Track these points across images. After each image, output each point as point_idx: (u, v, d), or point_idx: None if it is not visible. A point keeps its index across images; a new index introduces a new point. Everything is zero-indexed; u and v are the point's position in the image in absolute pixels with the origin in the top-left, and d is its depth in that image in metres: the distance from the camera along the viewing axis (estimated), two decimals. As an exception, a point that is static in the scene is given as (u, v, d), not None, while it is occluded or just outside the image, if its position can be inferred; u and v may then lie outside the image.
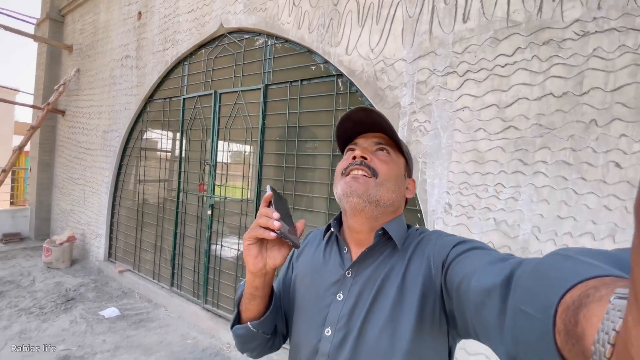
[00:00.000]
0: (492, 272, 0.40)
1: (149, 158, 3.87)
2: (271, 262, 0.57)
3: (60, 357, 2.40)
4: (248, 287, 0.61)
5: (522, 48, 1.59)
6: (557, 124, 1.50)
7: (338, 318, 0.60)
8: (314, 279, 0.67)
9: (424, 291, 0.56)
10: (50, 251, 4.15)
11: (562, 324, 0.26)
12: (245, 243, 0.56)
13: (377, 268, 0.61)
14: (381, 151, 0.64)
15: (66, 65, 5.33)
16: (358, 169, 0.60)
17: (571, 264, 0.30)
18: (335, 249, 0.69)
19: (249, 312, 0.63)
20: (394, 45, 1.96)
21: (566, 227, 1.47)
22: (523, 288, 0.32)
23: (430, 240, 0.61)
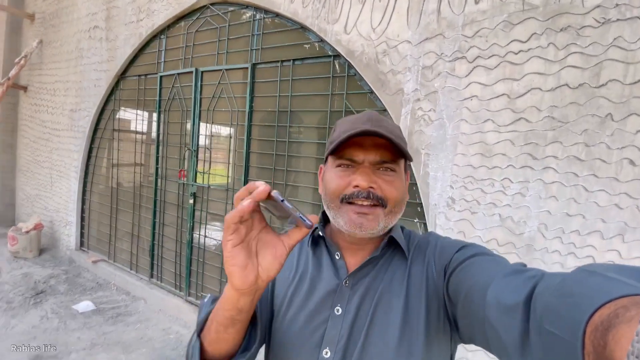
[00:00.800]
0: (511, 286, 0.38)
1: (122, 140, 3.58)
2: (264, 273, 0.41)
3: (32, 357, 2.21)
4: (228, 309, 0.44)
5: (538, 34, 1.48)
6: (571, 117, 1.42)
7: (338, 337, 0.53)
8: (300, 291, 0.58)
9: (429, 300, 0.53)
10: (17, 240, 3.83)
11: (591, 345, 0.25)
12: (227, 246, 0.39)
13: (376, 275, 0.56)
14: (386, 170, 0.54)
15: (27, 36, 4.80)
16: (364, 201, 0.52)
17: (598, 280, 0.29)
18: (324, 253, 0.61)
19: (222, 344, 0.47)
20: (398, 25, 1.81)
21: (574, 225, 1.42)
22: (547, 306, 0.31)
23: (429, 244, 0.58)
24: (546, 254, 1.47)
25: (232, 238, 0.39)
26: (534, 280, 0.36)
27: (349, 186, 0.53)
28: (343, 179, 0.54)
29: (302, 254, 0.62)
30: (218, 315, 0.47)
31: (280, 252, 0.42)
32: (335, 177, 0.55)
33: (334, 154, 0.56)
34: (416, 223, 1.85)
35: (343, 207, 0.54)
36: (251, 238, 0.42)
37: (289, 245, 0.43)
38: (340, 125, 0.58)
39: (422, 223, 1.82)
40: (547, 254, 1.46)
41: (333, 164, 0.57)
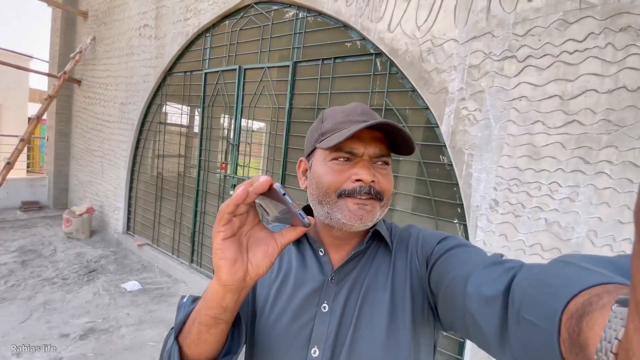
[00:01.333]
0: (490, 278, 0.38)
1: (168, 133, 3.80)
2: (254, 270, 0.40)
3: (85, 330, 2.44)
4: (211, 307, 0.42)
5: (596, 34, 1.42)
6: (628, 121, 1.36)
7: (326, 334, 0.52)
8: (284, 290, 0.56)
9: (413, 292, 0.53)
10: (70, 222, 4.19)
11: (566, 332, 0.26)
12: (217, 238, 0.38)
13: (361, 270, 0.55)
14: (382, 164, 0.54)
15: (81, 32, 5.17)
16: (364, 195, 0.51)
17: (573, 271, 0.30)
18: (308, 251, 0.59)
19: (204, 346, 0.45)
20: (445, 23, 1.80)
21: (626, 233, 1.37)
22: (525, 296, 0.32)
23: (411, 236, 0.58)
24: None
25: (223, 230, 0.38)
26: (513, 272, 0.37)
27: (348, 180, 0.51)
28: (342, 173, 0.52)
29: (284, 252, 0.60)
30: (201, 314, 0.44)
31: (272, 249, 0.41)
32: (330, 171, 0.52)
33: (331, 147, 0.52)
34: (456, 224, 1.85)
35: (340, 201, 0.52)
36: (243, 233, 0.41)
37: (281, 243, 0.42)
38: (332, 117, 0.55)
39: (462, 224, 1.81)
40: (596, 261, 1.42)
41: (326, 157, 0.53)
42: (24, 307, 2.65)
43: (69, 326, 2.46)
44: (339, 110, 0.56)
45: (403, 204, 2.14)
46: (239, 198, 0.37)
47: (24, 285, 2.99)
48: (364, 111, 0.55)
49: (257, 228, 0.42)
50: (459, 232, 1.83)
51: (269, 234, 0.43)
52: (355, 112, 0.54)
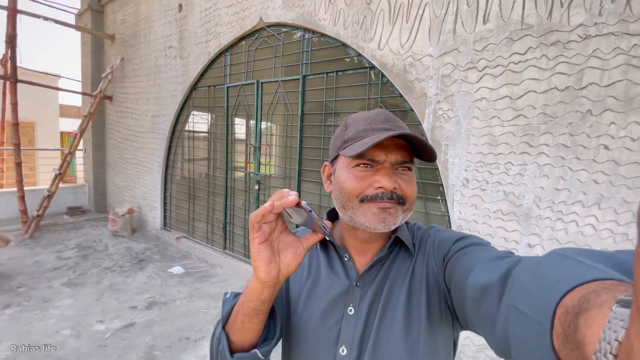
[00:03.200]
0: (489, 269, 0.40)
1: (196, 139, 4.36)
2: (285, 269, 0.49)
3: (148, 303, 3.03)
4: (252, 300, 0.50)
5: (533, 48, 1.88)
6: (559, 113, 1.82)
7: (353, 335, 0.56)
8: (315, 292, 0.61)
9: (430, 289, 0.56)
10: (116, 221, 4.82)
11: (560, 327, 0.25)
12: (254, 243, 0.46)
13: (385, 273, 0.59)
14: (404, 170, 0.56)
15: (109, 53, 5.78)
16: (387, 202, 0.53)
17: (570, 264, 0.30)
18: (333, 256, 0.63)
19: (246, 333, 0.53)
20: (422, 42, 2.27)
21: (562, 197, 1.83)
22: (520, 286, 0.32)
23: (429, 237, 0.60)
24: (540, 220, 1.90)
25: (257, 236, 0.45)
26: (509, 264, 0.38)
27: (370, 187, 0.54)
28: (364, 180, 0.54)
29: (312, 257, 0.65)
30: (243, 307, 0.51)
31: (299, 251, 0.49)
32: (353, 177, 0.55)
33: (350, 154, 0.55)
34: (439, 200, 2.34)
35: (364, 206, 0.54)
36: (274, 238, 0.48)
37: (306, 246, 0.50)
38: (355, 125, 0.58)
39: (443, 200, 2.30)
40: (541, 220, 1.90)
41: (349, 164, 0.56)
42: (95, 289, 3.25)
43: (135, 301, 3.05)
44: (361, 118, 0.58)
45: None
46: (266, 210, 0.43)
47: (90, 273, 3.61)
48: (387, 118, 0.57)
49: (285, 233, 0.50)
50: (440, 205, 2.32)
51: (296, 239, 0.50)
52: (377, 120, 0.56)
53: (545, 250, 1.89)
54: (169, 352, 2.35)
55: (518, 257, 0.40)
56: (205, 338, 2.53)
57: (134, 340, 2.47)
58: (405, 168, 0.56)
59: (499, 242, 2.03)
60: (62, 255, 4.05)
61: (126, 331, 2.58)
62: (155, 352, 2.35)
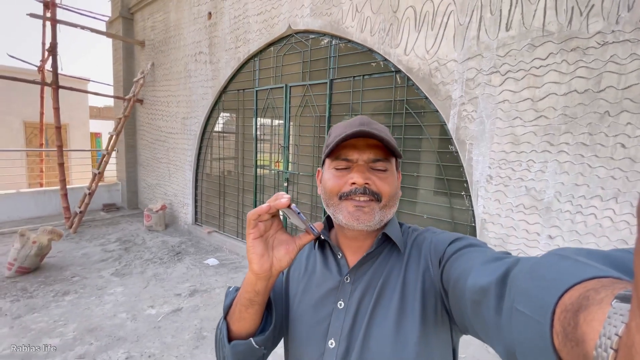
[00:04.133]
0: (487, 270, 0.40)
1: (226, 139, 4.63)
2: (277, 263, 0.52)
3: (191, 291, 3.31)
4: (248, 291, 0.55)
5: (554, 53, 2.02)
6: (579, 114, 1.97)
7: (341, 328, 0.59)
8: (309, 287, 0.65)
9: (425, 291, 0.56)
10: (151, 217, 5.16)
11: (560, 326, 0.26)
12: (249, 238, 0.51)
13: (375, 271, 0.60)
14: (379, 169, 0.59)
15: (140, 59, 6.10)
16: (361, 197, 0.57)
17: (568, 264, 0.30)
18: (329, 254, 0.67)
19: (243, 322, 0.57)
20: (447, 48, 2.43)
21: (581, 192, 1.98)
22: (519, 287, 0.32)
23: (425, 239, 0.61)
24: (560, 213, 2.05)
25: (252, 232, 0.50)
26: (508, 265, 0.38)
27: (346, 184, 0.58)
28: (340, 178, 0.59)
29: (310, 255, 0.70)
30: (240, 298, 0.57)
31: (291, 248, 0.53)
32: (332, 177, 0.60)
33: (330, 156, 0.61)
34: (463, 195, 2.51)
35: (342, 203, 0.58)
36: (269, 235, 0.53)
37: (299, 245, 0.53)
38: (335, 130, 0.62)
39: (468, 195, 2.47)
40: (561, 214, 2.05)
41: (330, 166, 0.61)
42: (141, 278, 3.56)
43: (178, 289, 3.34)
44: (341, 125, 0.63)
45: (425, 184, 2.81)
46: (262, 210, 0.48)
47: (134, 264, 3.93)
48: (362, 122, 0.59)
49: (281, 232, 0.54)
50: (465, 200, 2.49)
51: (290, 237, 0.54)
52: (353, 124, 0.59)
53: (566, 242, 2.04)
54: (216, 334, 2.61)
55: (516, 258, 0.40)
56: (246, 322, 2.79)
57: (184, 323, 2.74)
58: (381, 166, 0.59)
59: (521, 234, 2.19)
60: (107, 248, 4.40)
61: (175, 315, 2.86)
62: (204, 333, 2.61)
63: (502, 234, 2.26)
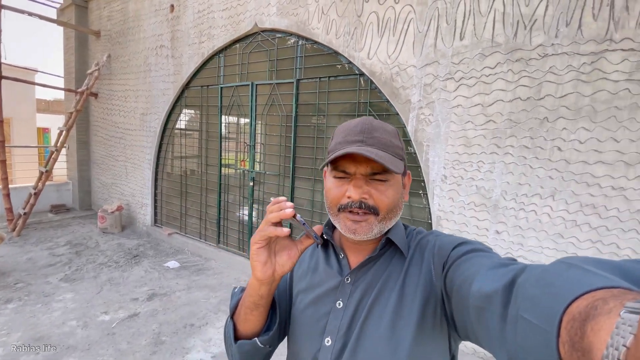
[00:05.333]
0: (493, 277, 0.40)
1: (188, 137, 4.48)
2: (280, 269, 0.55)
3: (149, 295, 3.17)
4: (251, 295, 0.57)
5: (501, 63, 2.19)
6: (522, 119, 2.15)
7: (338, 327, 0.59)
8: (310, 285, 0.66)
9: (425, 295, 0.56)
10: (105, 218, 4.86)
11: (567, 335, 0.25)
12: (254, 247, 0.53)
13: (376, 272, 0.61)
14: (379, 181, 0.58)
15: (94, 50, 5.73)
16: (358, 210, 0.57)
17: (576, 273, 0.30)
18: (331, 254, 0.68)
19: (249, 324, 0.60)
20: (407, 54, 2.55)
21: (524, 190, 2.17)
22: (526, 295, 0.32)
23: (429, 242, 0.61)
24: (506, 210, 2.23)
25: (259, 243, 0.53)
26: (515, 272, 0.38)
27: (344, 197, 0.57)
28: (339, 189, 0.59)
29: (314, 254, 0.71)
30: (245, 300, 0.59)
31: (293, 253, 0.55)
32: (332, 187, 0.60)
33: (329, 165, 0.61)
34: (420, 194, 2.63)
35: (340, 215, 0.59)
36: (272, 241, 0.54)
37: (300, 249, 0.56)
38: (337, 135, 0.62)
39: (425, 194, 2.60)
40: (506, 210, 2.22)
41: (329, 173, 0.62)
42: (94, 283, 3.35)
43: (135, 293, 3.18)
44: (342, 129, 0.61)
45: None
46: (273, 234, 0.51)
47: (86, 269, 3.69)
48: (363, 130, 0.58)
49: (282, 237, 0.55)
50: (422, 199, 2.62)
51: (292, 242, 0.56)
52: (354, 132, 0.58)
53: (511, 236, 2.22)
54: (175, 337, 2.53)
55: (523, 265, 0.39)
56: (208, 324, 2.72)
57: (141, 328, 2.62)
58: (379, 179, 0.57)
59: (472, 230, 2.35)
60: (55, 252, 4.08)
61: (132, 320, 2.73)
62: (162, 337, 2.52)
63: (455, 230, 2.41)
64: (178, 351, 2.37)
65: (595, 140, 1.95)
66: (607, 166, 1.92)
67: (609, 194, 1.93)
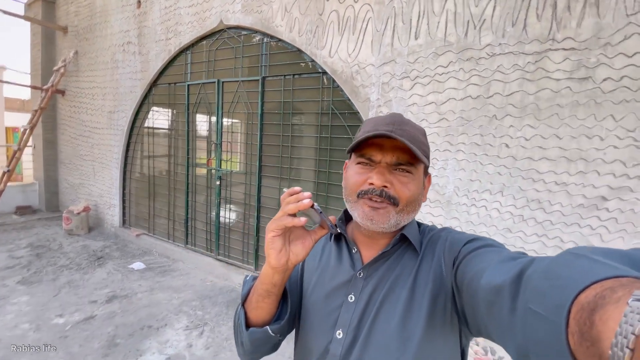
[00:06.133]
0: (502, 270, 0.40)
1: (156, 136, 4.39)
2: (294, 257, 0.54)
3: (109, 297, 3.08)
4: (265, 283, 0.57)
5: (453, 62, 2.24)
6: (472, 117, 2.20)
7: (350, 320, 0.60)
8: (322, 278, 0.66)
9: (435, 291, 0.56)
10: (71, 220, 4.70)
11: (575, 325, 0.25)
12: (269, 235, 0.52)
13: (388, 268, 0.61)
14: (403, 171, 0.58)
15: (62, 46, 5.55)
16: (377, 198, 0.57)
17: (584, 263, 0.30)
18: (344, 248, 0.68)
19: (260, 311, 0.60)
20: (366, 52, 2.57)
21: (475, 187, 2.21)
22: (534, 287, 0.32)
23: (440, 238, 0.61)
24: (458, 206, 2.27)
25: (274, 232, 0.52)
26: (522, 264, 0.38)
27: (365, 183, 0.58)
28: (361, 175, 0.59)
29: (325, 247, 0.71)
30: (257, 288, 0.59)
31: (307, 243, 0.55)
32: (354, 173, 0.60)
33: (356, 152, 0.61)
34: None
35: (359, 201, 0.58)
36: (286, 230, 0.54)
37: (314, 239, 0.55)
38: (365, 125, 0.62)
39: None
40: (459, 206, 2.27)
41: (354, 161, 0.61)
42: (52, 286, 3.23)
43: (95, 295, 3.09)
44: (372, 120, 0.61)
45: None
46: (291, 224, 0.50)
47: (45, 271, 3.55)
48: (392, 121, 0.58)
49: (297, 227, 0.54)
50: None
51: (306, 232, 0.56)
52: (383, 122, 0.58)
53: (464, 231, 2.26)
54: (130, 340, 2.46)
55: (531, 258, 0.39)
56: (167, 326, 2.67)
57: (95, 331, 2.54)
58: (404, 170, 0.58)
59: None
60: (14, 255, 3.92)
61: (87, 323, 2.64)
62: (117, 340, 2.45)
63: (413, 227, 2.44)
64: (132, 353, 2.31)
65: (539, 137, 2.01)
66: (550, 162, 1.99)
67: (552, 189, 1.99)
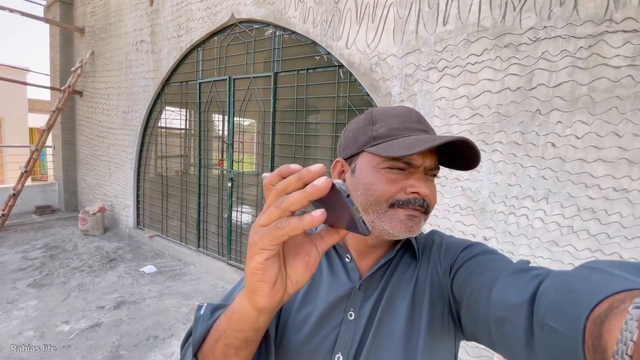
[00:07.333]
0: (515, 285, 0.38)
1: (169, 136, 4.29)
2: (292, 287, 0.35)
3: (117, 302, 2.98)
4: (242, 330, 0.39)
5: (489, 49, 1.96)
6: (511, 112, 1.91)
7: (351, 341, 0.52)
8: (311, 293, 0.56)
9: (433, 299, 0.52)
10: (86, 220, 4.69)
11: (590, 340, 0.25)
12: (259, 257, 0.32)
13: (389, 277, 0.55)
14: (431, 177, 0.54)
15: (79, 47, 5.58)
16: (418, 208, 0.50)
17: (600, 276, 0.29)
18: (333, 255, 0.59)
19: None
20: (387, 42, 2.32)
21: (514, 192, 1.93)
22: (549, 302, 0.31)
23: (434, 242, 0.58)
24: (494, 214, 1.99)
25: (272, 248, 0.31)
26: (539, 279, 0.36)
27: (401, 191, 0.50)
28: (396, 183, 0.50)
29: None
30: (227, 336, 0.40)
31: (313, 259, 0.35)
32: (383, 179, 0.50)
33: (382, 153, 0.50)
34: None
35: (390, 211, 0.50)
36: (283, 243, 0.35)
37: (322, 250, 0.35)
38: (386, 121, 0.53)
39: (408, 195, 2.37)
40: (495, 214, 1.99)
41: (379, 164, 0.51)
42: (62, 290, 3.17)
43: (103, 301, 3.00)
44: (391, 114, 0.54)
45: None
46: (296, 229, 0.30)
47: (57, 273, 3.51)
48: (419, 119, 0.54)
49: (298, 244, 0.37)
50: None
51: (307, 238, 0.36)
52: (411, 119, 0.53)
53: (500, 243, 1.98)
54: (135, 351, 2.33)
55: (545, 271, 0.38)
56: (174, 336, 2.52)
57: (100, 340, 2.43)
58: (433, 175, 0.54)
59: (458, 236, 2.11)
60: (29, 256, 3.92)
61: (92, 331, 2.53)
62: (121, 351, 2.32)
63: (440, 236, 2.18)
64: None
65: (594, 135, 1.70)
66: (607, 165, 1.68)
67: (610, 197, 1.68)
